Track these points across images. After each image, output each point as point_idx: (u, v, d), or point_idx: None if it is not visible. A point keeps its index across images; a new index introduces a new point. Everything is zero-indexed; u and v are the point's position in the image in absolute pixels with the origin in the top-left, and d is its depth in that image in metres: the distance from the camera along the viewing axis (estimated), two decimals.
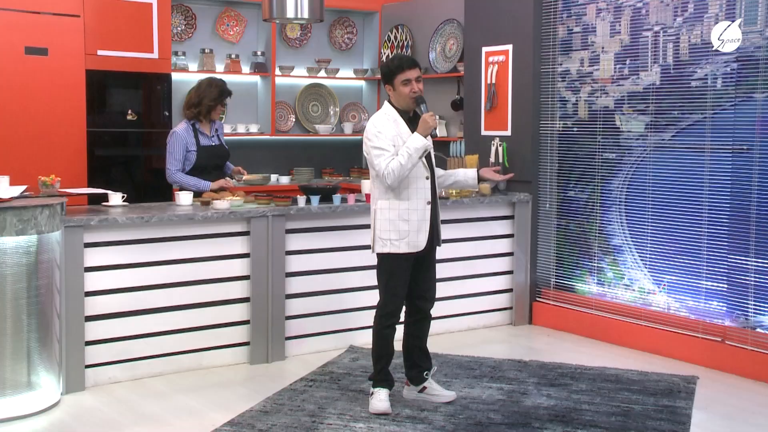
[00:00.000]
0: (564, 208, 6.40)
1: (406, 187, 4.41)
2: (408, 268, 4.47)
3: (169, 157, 5.72)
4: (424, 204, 4.43)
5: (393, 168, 4.30)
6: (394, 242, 4.41)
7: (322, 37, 8.44)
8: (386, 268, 4.47)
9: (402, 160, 4.29)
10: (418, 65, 4.47)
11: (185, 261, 5.18)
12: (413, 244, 4.42)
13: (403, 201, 4.42)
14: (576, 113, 6.27)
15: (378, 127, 4.39)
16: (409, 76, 4.40)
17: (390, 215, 4.43)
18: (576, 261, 6.31)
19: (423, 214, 4.42)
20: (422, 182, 4.43)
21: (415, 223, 4.41)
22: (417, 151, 4.29)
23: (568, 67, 6.31)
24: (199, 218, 5.13)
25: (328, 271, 5.67)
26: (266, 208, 5.38)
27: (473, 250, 6.30)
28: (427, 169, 4.46)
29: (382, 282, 4.49)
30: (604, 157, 6.07)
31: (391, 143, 4.35)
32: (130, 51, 6.63)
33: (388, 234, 4.43)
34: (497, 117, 6.70)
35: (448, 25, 7.66)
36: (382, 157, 4.33)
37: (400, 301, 4.48)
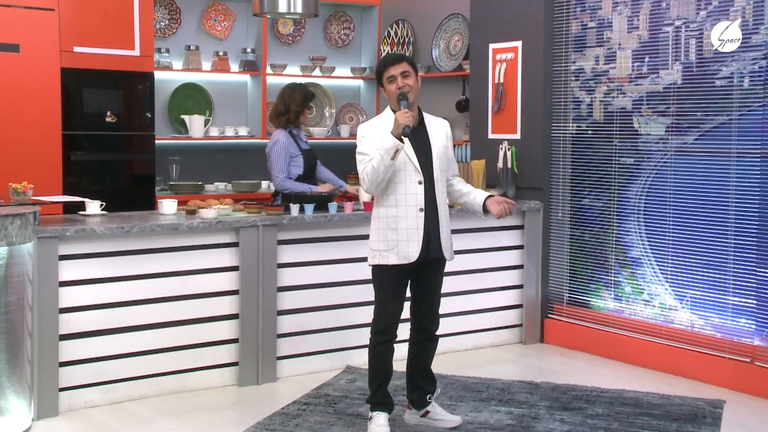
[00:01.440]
0: (578, 218, 6.39)
1: (394, 193, 4.41)
2: (401, 282, 4.46)
3: (276, 165, 6.11)
4: (415, 211, 4.40)
5: (367, 172, 4.32)
6: (383, 253, 4.42)
7: (317, 33, 8.44)
8: (377, 281, 4.48)
9: (375, 162, 4.29)
10: (405, 59, 4.45)
11: (169, 275, 5.16)
12: (403, 255, 4.39)
13: (391, 208, 4.41)
14: (591, 115, 6.26)
15: (363, 131, 4.43)
16: (392, 72, 4.40)
17: (379, 224, 4.45)
18: (591, 274, 6.29)
19: (414, 222, 4.40)
20: (412, 187, 4.40)
21: (404, 231, 4.39)
22: (387, 151, 4.27)
23: (582, 65, 6.31)
24: (184, 228, 5.12)
25: (323, 286, 5.66)
26: (256, 218, 5.37)
27: (480, 263, 6.29)
28: (418, 173, 4.42)
29: (375, 296, 4.50)
30: (622, 162, 6.07)
31: (375, 147, 4.35)
32: (109, 48, 6.62)
33: (377, 245, 4.44)
34: (505, 119, 6.69)
35: (453, 20, 7.65)
36: (361, 163, 4.37)
37: (392, 318, 4.46)
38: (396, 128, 4.30)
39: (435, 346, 4.67)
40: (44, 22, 6.37)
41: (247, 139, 7.83)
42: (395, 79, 4.40)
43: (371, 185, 4.33)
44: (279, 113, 6.25)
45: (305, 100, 6.23)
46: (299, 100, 6.21)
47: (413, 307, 4.60)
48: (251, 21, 7.92)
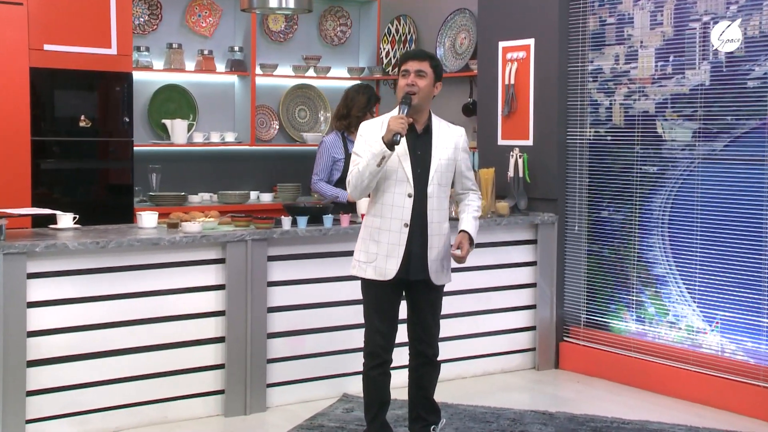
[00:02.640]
0: (596, 231, 6.37)
1: (382, 203, 4.42)
2: (387, 299, 4.46)
3: (315, 166, 6.44)
4: (399, 225, 4.40)
5: (353, 175, 4.36)
6: (362, 265, 4.47)
7: (311, 30, 8.44)
8: (363, 296, 4.53)
9: (361, 166, 4.33)
10: (430, 59, 4.48)
11: (148, 294, 5.15)
12: (380, 271, 4.42)
13: (376, 218, 4.44)
14: (610, 119, 6.26)
15: (362, 130, 4.47)
16: (407, 66, 4.44)
17: (364, 233, 4.51)
18: (611, 294, 6.28)
19: (397, 237, 4.40)
20: (400, 199, 4.40)
21: (384, 246, 4.41)
22: (374, 156, 4.29)
23: (601, 64, 6.30)
24: (165, 243, 5.12)
25: (317, 306, 5.66)
26: (245, 231, 5.37)
27: (488, 281, 6.29)
28: (410, 185, 4.41)
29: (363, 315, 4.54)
30: (644, 170, 6.07)
31: (369, 149, 4.37)
32: (83, 46, 6.60)
33: (359, 255, 4.51)
34: (517, 124, 6.68)
35: (459, 16, 7.64)
36: (353, 163, 4.40)
37: (381, 338, 4.46)
38: (387, 133, 4.30)
39: (437, 373, 4.67)
40: (11, 17, 6.35)
41: (234, 145, 7.81)
42: (408, 74, 4.42)
43: (354, 190, 4.37)
44: (341, 116, 6.49)
45: (368, 103, 6.42)
46: (362, 104, 6.41)
47: (408, 329, 4.62)
48: (239, 17, 7.91)
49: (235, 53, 7.85)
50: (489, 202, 6.31)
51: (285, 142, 8.31)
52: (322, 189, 6.40)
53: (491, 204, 6.33)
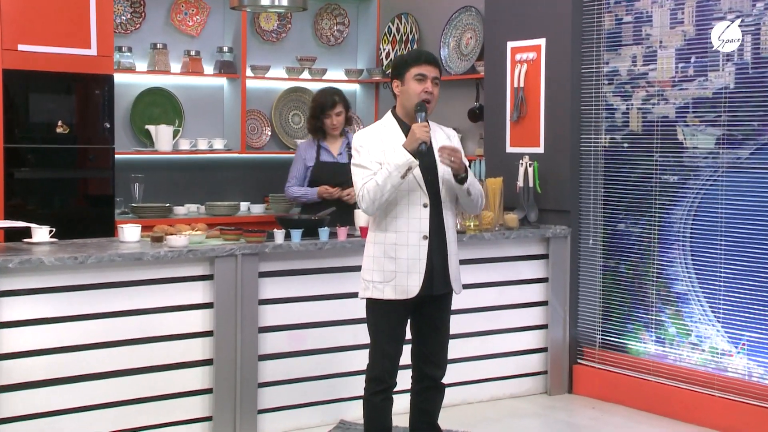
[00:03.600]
0: (612, 246, 6.37)
1: (395, 216, 4.43)
2: (399, 320, 4.48)
3: (290, 172, 6.66)
4: (418, 238, 4.41)
5: (368, 188, 4.34)
6: (377, 285, 4.45)
7: (306, 29, 8.44)
8: (371, 318, 4.52)
9: (379, 179, 4.31)
10: (439, 65, 4.57)
11: (130, 313, 5.14)
12: (401, 289, 4.42)
13: (390, 233, 4.43)
14: (627, 125, 6.26)
15: (360, 141, 4.46)
16: (425, 71, 4.45)
17: (375, 251, 4.47)
18: (628, 313, 6.27)
19: (416, 251, 4.42)
20: (417, 210, 4.42)
21: (404, 262, 4.41)
22: (398, 168, 4.29)
23: (617, 66, 6.31)
24: (148, 258, 5.10)
25: (312, 325, 5.65)
26: (234, 245, 5.36)
27: (496, 298, 6.28)
28: (425, 194, 4.43)
29: (369, 337, 4.53)
30: (664, 180, 6.06)
31: (375, 160, 4.39)
32: (60, 46, 6.59)
33: (371, 275, 4.47)
34: (526, 130, 6.68)
35: (465, 14, 7.64)
36: (359, 177, 4.41)
37: (389, 363, 4.48)
38: (411, 142, 4.33)
39: (442, 397, 4.68)
40: None
41: (223, 153, 7.79)
42: (425, 79, 4.44)
43: (371, 205, 4.34)
44: (308, 118, 6.75)
45: (320, 108, 6.53)
46: (313, 109, 6.62)
47: (415, 350, 4.61)
48: (228, 15, 7.91)
49: (224, 54, 7.84)
50: (497, 214, 6.29)
51: (278, 149, 8.29)
52: (292, 192, 6.62)
53: (499, 216, 6.31)
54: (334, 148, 6.63)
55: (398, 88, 4.50)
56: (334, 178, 6.51)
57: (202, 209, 7.62)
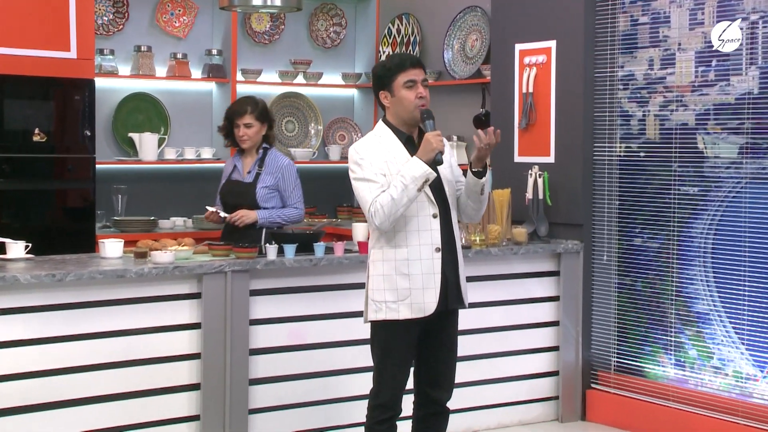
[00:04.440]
0: (628, 262, 6.37)
1: (404, 230, 4.42)
2: (411, 343, 4.47)
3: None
4: (431, 251, 4.43)
5: (382, 203, 4.32)
6: (391, 306, 4.43)
7: (300, 30, 8.46)
8: (380, 342, 4.49)
9: (394, 192, 4.31)
10: (424, 66, 4.57)
11: (112, 334, 5.13)
12: (417, 308, 4.41)
13: (401, 249, 4.43)
14: (643, 133, 6.26)
15: (360, 153, 4.44)
16: (413, 76, 4.46)
17: (384, 269, 4.46)
18: (645, 334, 6.27)
19: (430, 265, 4.43)
20: (427, 222, 4.44)
21: (418, 278, 4.41)
22: (414, 180, 4.30)
23: (633, 70, 6.31)
24: (131, 276, 5.10)
25: (307, 347, 5.64)
26: (224, 262, 5.37)
27: (504, 318, 6.28)
28: (434, 205, 4.46)
29: (376, 361, 4.51)
30: (683, 192, 6.06)
31: (379, 172, 4.39)
32: (37, 48, 6.60)
33: (382, 295, 4.45)
34: (536, 138, 6.69)
35: (470, 15, 7.65)
36: (366, 191, 4.38)
37: (399, 389, 4.48)
38: (427, 152, 4.34)
39: (446, 423, 4.67)
40: None
41: (211, 163, 7.79)
42: (416, 84, 4.45)
43: (386, 220, 4.33)
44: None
45: (230, 114, 6.14)
46: (225, 114, 6.23)
47: (421, 373, 4.60)
48: (217, 16, 7.92)
49: (213, 57, 7.85)
50: (504, 228, 6.29)
51: None
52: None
53: (507, 230, 6.31)
54: (246, 165, 6.19)
55: (387, 99, 4.50)
56: (232, 198, 6.16)
57: (189, 223, 7.61)
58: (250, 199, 6.07)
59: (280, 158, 6.19)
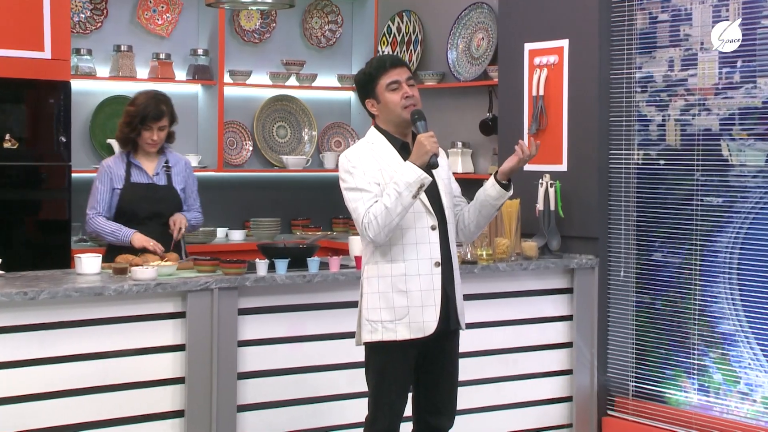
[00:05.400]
0: (647, 278, 6.38)
1: (401, 243, 4.43)
2: (410, 366, 4.49)
3: (91, 197, 6.03)
4: (429, 266, 4.44)
5: (375, 214, 4.33)
6: (388, 325, 4.44)
7: (293, 29, 8.48)
8: (376, 364, 4.50)
9: (388, 201, 4.32)
10: (406, 64, 4.60)
11: (89, 357, 5.11)
12: (416, 327, 4.42)
13: (397, 263, 4.44)
14: (663, 139, 6.27)
15: (352, 161, 4.46)
16: (395, 76, 4.49)
17: (380, 286, 4.47)
18: (666, 356, 6.27)
19: (429, 281, 4.44)
20: (425, 234, 4.45)
21: (416, 295, 4.42)
22: (408, 187, 4.30)
23: (651, 71, 6.33)
24: (110, 293, 5.09)
25: (299, 371, 5.64)
26: (210, 278, 5.37)
27: (513, 339, 6.28)
28: (432, 216, 4.47)
29: (371, 387, 4.51)
30: (706, 202, 6.07)
31: (373, 181, 4.40)
32: (8, 48, 6.60)
33: (378, 314, 4.46)
34: (547, 144, 6.70)
35: (476, 12, 7.67)
36: (359, 202, 4.39)
37: (397, 416, 4.49)
38: (420, 155, 4.34)
39: None
40: None
41: (197, 171, 7.75)
42: (400, 86, 4.47)
43: (380, 232, 4.33)
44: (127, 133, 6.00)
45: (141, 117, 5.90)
46: (132, 116, 5.94)
47: (420, 399, 4.61)
48: (203, 13, 7.93)
49: (198, 57, 7.86)
50: (513, 242, 6.28)
51: (260, 167, 8.29)
52: (98, 226, 5.94)
53: (516, 244, 6.30)
54: (149, 166, 6.04)
55: (375, 107, 4.53)
56: (149, 204, 5.99)
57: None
58: (175, 204, 6.05)
59: (181, 157, 6.22)
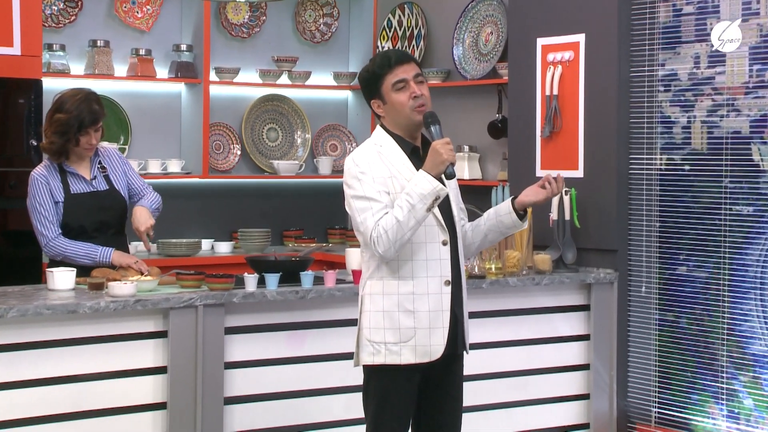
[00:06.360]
0: (670, 294, 6.38)
1: (409, 259, 4.42)
2: (413, 392, 4.48)
3: (38, 217, 5.80)
4: (439, 285, 4.44)
5: (386, 227, 4.30)
6: (391, 348, 4.43)
7: (285, 22, 8.50)
8: (376, 389, 4.49)
9: (399, 214, 4.29)
10: (414, 60, 4.56)
11: (63, 380, 5.11)
12: (422, 351, 4.42)
13: (405, 281, 4.43)
14: (688, 142, 6.29)
15: (361, 166, 4.42)
16: (402, 74, 4.45)
17: (385, 304, 4.45)
18: (692, 380, 6.28)
19: (438, 301, 4.43)
20: (436, 250, 4.44)
21: (424, 316, 4.41)
22: (422, 199, 4.28)
23: (675, 69, 6.34)
24: (85, 311, 5.08)
25: (291, 395, 5.64)
26: (194, 294, 5.36)
27: (525, 361, 6.29)
28: (444, 230, 4.46)
29: (370, 412, 4.51)
30: (735, 211, 6.07)
31: (383, 189, 4.37)
32: None
33: (382, 334, 4.44)
34: (561, 148, 6.72)
35: (484, 4, 7.68)
36: (368, 212, 4.36)
37: None
38: (436, 165, 4.31)
39: None
40: None
41: (180, 177, 7.80)
42: (407, 85, 4.43)
43: (391, 247, 4.31)
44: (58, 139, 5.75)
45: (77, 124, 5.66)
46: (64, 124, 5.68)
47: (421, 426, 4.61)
48: (187, 5, 7.96)
49: (181, 54, 7.86)
50: (525, 255, 6.28)
51: (249, 173, 8.29)
52: (68, 249, 5.75)
53: (528, 257, 6.30)
54: (84, 170, 5.86)
55: (380, 108, 4.50)
56: (95, 215, 5.84)
57: (154, 248, 7.59)
58: (121, 209, 5.97)
59: (107, 147, 6.05)
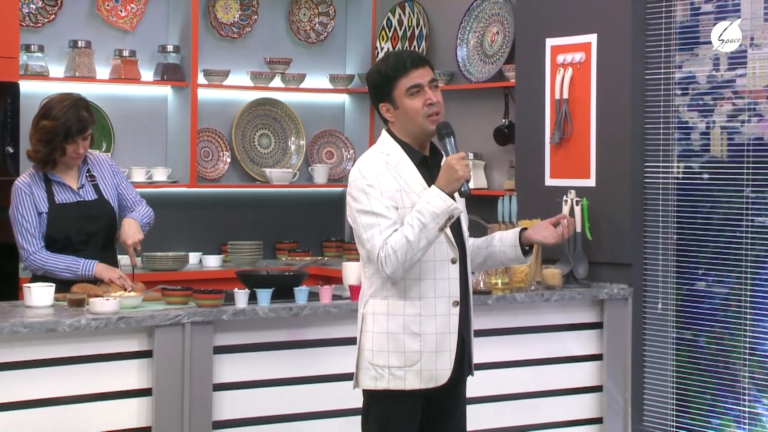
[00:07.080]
0: (688, 311, 6.39)
1: (417, 278, 4.41)
2: (415, 418, 4.48)
3: (20, 229, 5.81)
4: (447, 306, 4.44)
5: (395, 247, 4.29)
6: (395, 372, 4.43)
7: (278, 21, 8.51)
8: (378, 415, 4.48)
9: (410, 233, 4.27)
10: (429, 63, 4.52)
11: (40, 403, 5.10)
12: (428, 376, 4.42)
13: (412, 301, 4.42)
14: (707, 149, 6.29)
15: (368, 178, 4.40)
16: (417, 78, 4.42)
17: (389, 325, 4.44)
18: (711, 401, 6.27)
19: (446, 323, 4.43)
20: (445, 269, 4.44)
21: (431, 339, 4.41)
22: (435, 218, 4.26)
23: (693, 71, 6.35)
24: (65, 329, 5.07)
25: (283, 419, 5.63)
26: (181, 311, 5.36)
27: (534, 382, 6.29)
28: (454, 247, 4.45)
29: None
30: (758, 223, 6.07)
31: (391, 204, 4.36)
32: None
33: (386, 358, 4.44)
34: (572, 156, 6.73)
35: (489, 2, 7.69)
36: (375, 229, 4.34)
37: None
38: (450, 182, 4.29)
39: None
40: None
41: (166, 186, 7.80)
42: (422, 90, 4.40)
43: (399, 268, 4.30)
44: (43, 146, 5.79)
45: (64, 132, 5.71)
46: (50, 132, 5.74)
47: None
48: (174, 3, 7.96)
49: (168, 55, 7.87)
50: (533, 269, 6.27)
51: (239, 181, 8.30)
52: (47, 262, 5.76)
53: (536, 271, 6.29)
54: (71, 179, 5.89)
55: (390, 113, 4.46)
56: (82, 226, 5.87)
57: (138, 262, 7.58)
58: (110, 220, 5.98)
59: (97, 156, 6.06)
